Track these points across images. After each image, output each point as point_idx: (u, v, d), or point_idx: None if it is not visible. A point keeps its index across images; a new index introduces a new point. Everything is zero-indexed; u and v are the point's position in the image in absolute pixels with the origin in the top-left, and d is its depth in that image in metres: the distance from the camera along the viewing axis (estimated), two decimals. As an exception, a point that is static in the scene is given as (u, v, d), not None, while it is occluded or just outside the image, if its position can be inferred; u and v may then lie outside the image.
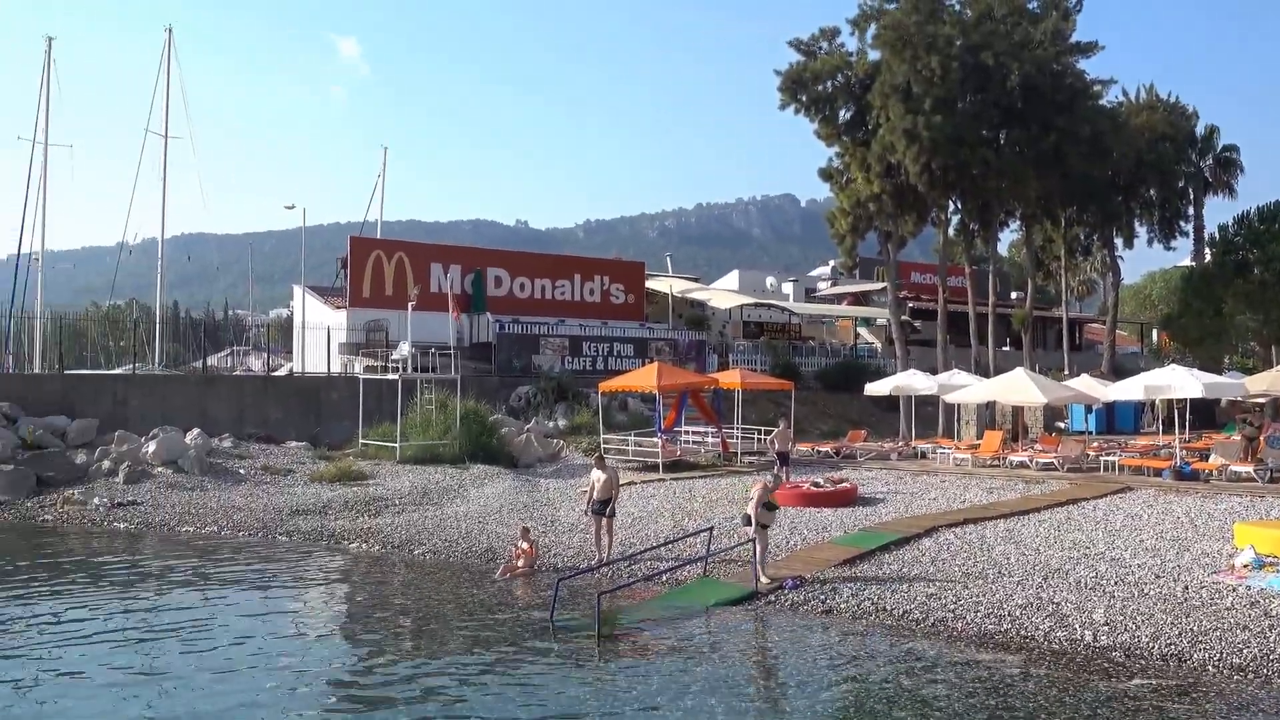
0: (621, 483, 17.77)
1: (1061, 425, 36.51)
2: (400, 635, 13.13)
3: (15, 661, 11.67)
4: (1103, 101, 42.34)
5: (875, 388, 33.98)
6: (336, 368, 35.95)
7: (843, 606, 13.63)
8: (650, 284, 48.70)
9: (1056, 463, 26.29)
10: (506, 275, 41.86)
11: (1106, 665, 11.17)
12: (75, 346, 48.39)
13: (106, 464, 25.50)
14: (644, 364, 35.37)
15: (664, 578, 15.45)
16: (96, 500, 23.07)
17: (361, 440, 29.35)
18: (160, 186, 45.80)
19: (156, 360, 45.20)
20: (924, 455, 30.23)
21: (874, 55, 39.41)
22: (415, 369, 30.19)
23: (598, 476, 16.52)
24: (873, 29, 38.98)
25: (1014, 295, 58.78)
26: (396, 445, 27.91)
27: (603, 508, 16.39)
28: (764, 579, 14.53)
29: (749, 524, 14.70)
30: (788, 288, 60.07)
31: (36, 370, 39.79)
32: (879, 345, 51.51)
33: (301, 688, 10.82)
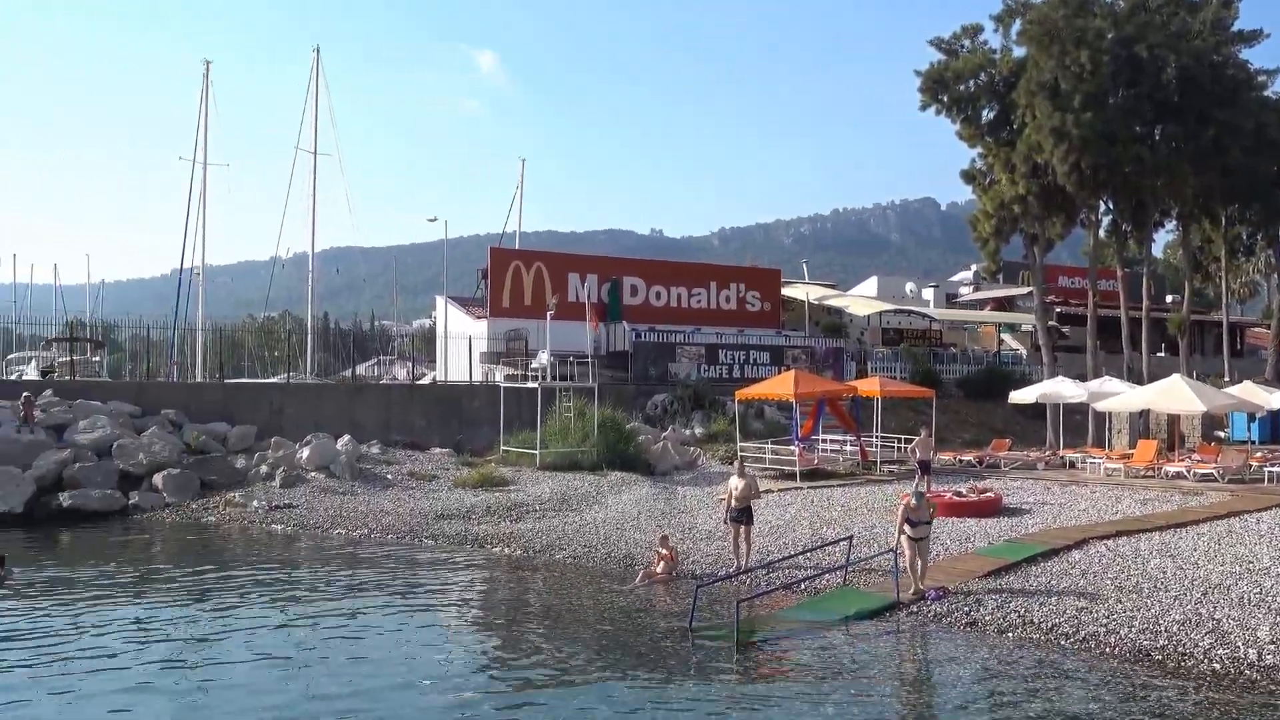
0: (759, 490, 17.68)
1: (1221, 434, 34.66)
2: (540, 638, 13.33)
3: (195, 644, 12.37)
4: (1267, 93, 40.07)
5: (1021, 395, 32.94)
6: (478, 376, 36.87)
7: (987, 619, 13.25)
8: (786, 291, 48.37)
9: (1216, 474, 24.99)
10: (642, 284, 42.21)
11: (1273, 686, 10.55)
12: (233, 356, 50.83)
13: (264, 468, 26.75)
14: (780, 372, 35.15)
15: (802, 586, 15.31)
16: (255, 503, 24.22)
17: (502, 447, 30.02)
18: (310, 202, 47.95)
19: (308, 369, 47.18)
20: (1072, 465, 29.15)
21: (1019, 52, 38.31)
22: (554, 377, 30.71)
23: (736, 484, 16.50)
24: (1017, 24, 37.88)
25: (1169, 299, 56.07)
26: (536, 452, 28.45)
27: (742, 515, 16.36)
28: (921, 586, 14.22)
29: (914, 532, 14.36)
30: (928, 293, 58.77)
31: (199, 379, 42.08)
32: (1024, 352, 49.89)
33: (441, 687, 11.12)
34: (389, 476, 27.20)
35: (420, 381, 39.38)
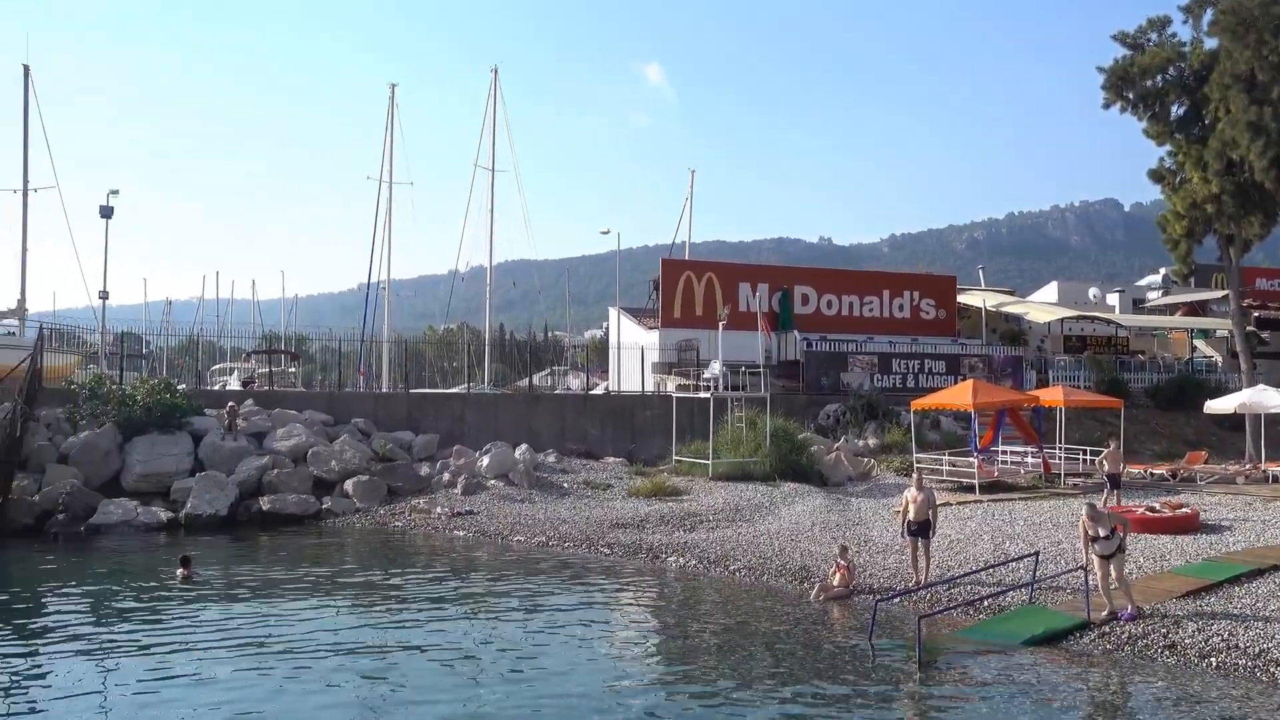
0: (938, 503, 17.20)
1: None
2: (714, 650, 13.31)
3: (378, 646, 12.96)
4: None
5: (1217, 405, 30.95)
6: (650, 386, 37.22)
7: (1187, 643, 12.48)
8: (962, 298, 46.90)
9: None
10: (813, 293, 41.75)
11: None
12: (414, 367, 52.88)
13: (446, 476, 27.75)
14: (957, 381, 34.11)
15: (985, 603, 14.79)
16: (439, 509, 25.15)
17: (674, 457, 30.21)
18: (488, 217, 49.55)
19: (485, 380, 48.68)
20: (1275, 480, 27.17)
21: (1210, 44, 36.05)
22: (725, 387, 30.72)
23: (914, 496, 16.11)
24: (1209, 15, 35.66)
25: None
26: (708, 462, 28.50)
27: (920, 529, 15.96)
28: (1114, 606, 13.54)
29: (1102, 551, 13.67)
30: (1112, 298, 55.95)
31: (384, 389, 44.00)
32: (1219, 359, 46.81)
33: (615, 697, 11.24)
34: (565, 485, 27.77)
35: (593, 392, 40.08)
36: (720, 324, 32.01)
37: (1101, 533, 13.46)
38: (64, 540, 22.19)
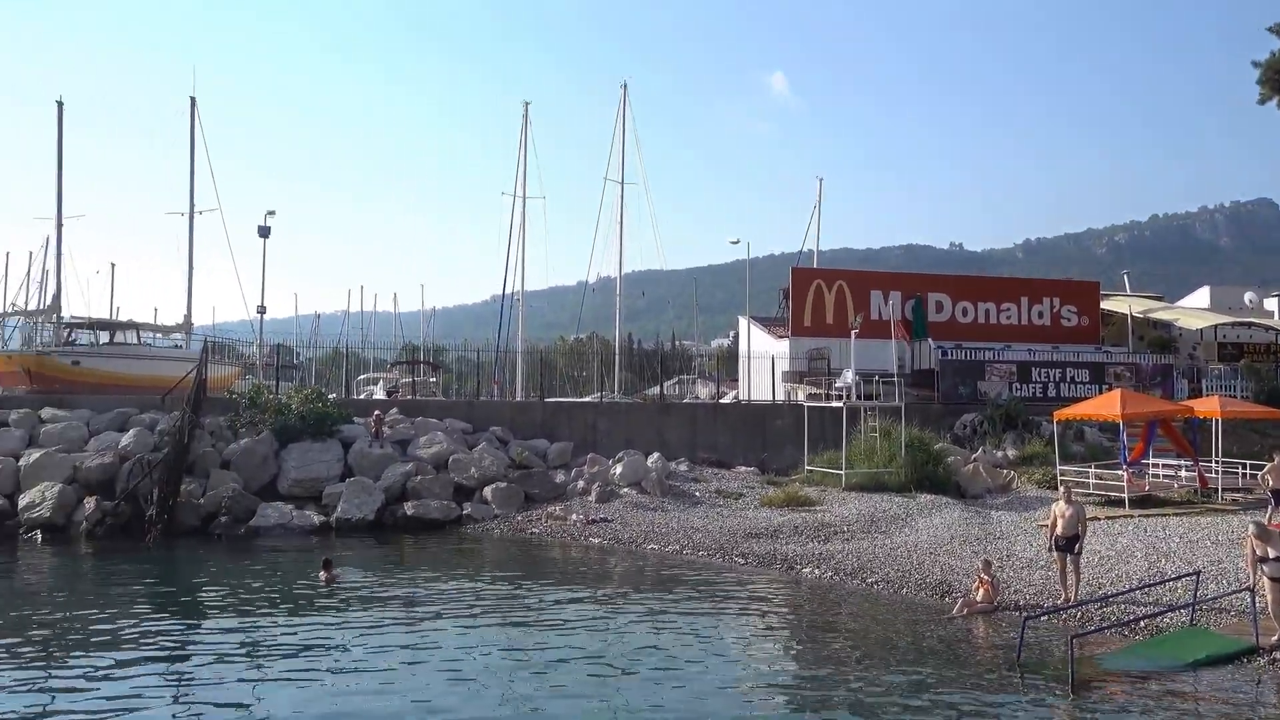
0: (1087, 518, 16.65)
1: None
2: (853, 664, 13.14)
3: (513, 650, 13.26)
4: None
5: (1393, 417, 29.06)
6: (780, 395, 37.05)
7: (1370, 673, 11.80)
8: (1105, 304, 45.26)
9: None
10: (948, 300, 40.91)
11: None
12: (546, 376, 53.87)
13: (581, 483, 28.17)
14: (1101, 390, 32.95)
15: (1142, 624, 14.25)
16: (574, 516, 25.54)
17: (807, 466, 30.00)
18: (618, 229, 50.16)
19: (615, 389, 49.23)
20: None
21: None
22: (858, 396, 30.36)
23: (1062, 510, 15.64)
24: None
25: None
26: (842, 472, 28.22)
27: (1069, 544, 15.49)
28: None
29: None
30: (1270, 303, 53.02)
31: (518, 398, 44.94)
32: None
33: (749, 705, 11.25)
34: (697, 494, 27.87)
35: (723, 400, 40.10)
36: (853, 332, 31.66)
37: (1271, 553, 12.80)
38: (226, 541, 23.42)
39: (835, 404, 30.66)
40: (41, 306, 43.94)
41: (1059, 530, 15.62)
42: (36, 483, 24.73)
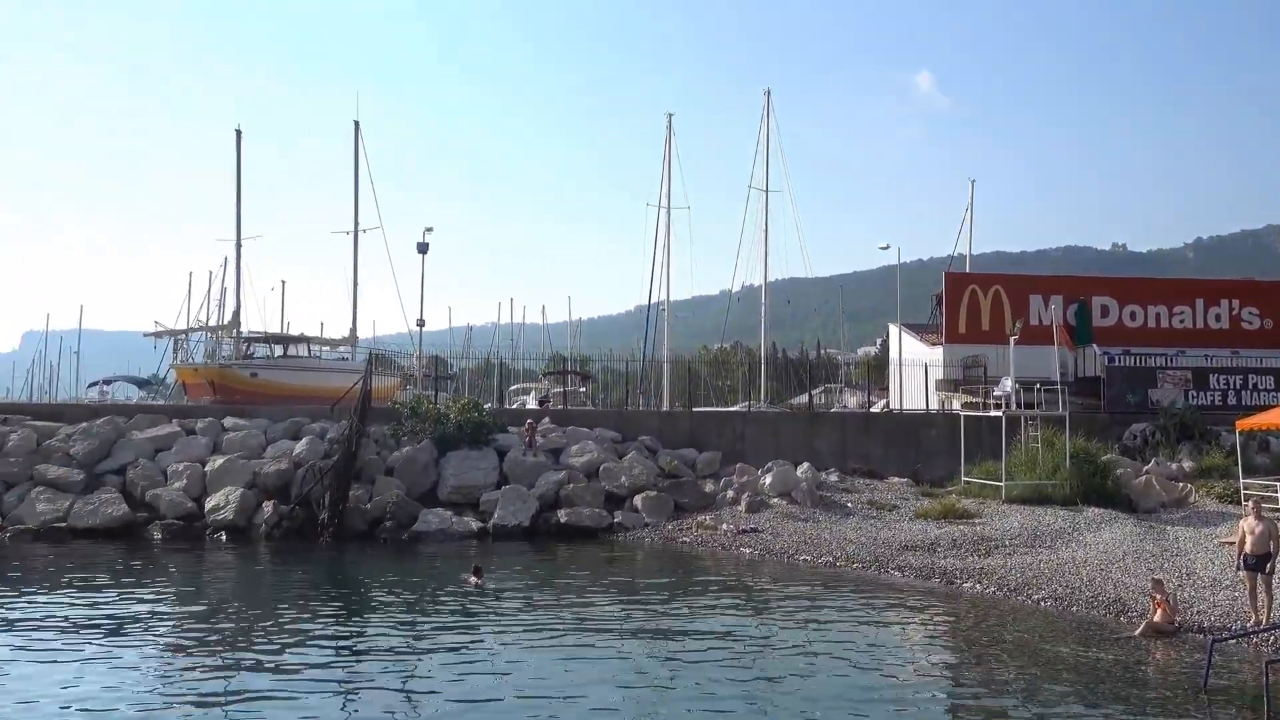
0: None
1: None
2: (1019, 684, 12.61)
3: (658, 657, 13.30)
4: None
5: None
6: (934, 404, 36.18)
7: None
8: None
9: None
10: (1114, 303, 39.17)
11: None
12: (691, 386, 54.16)
13: (730, 493, 28.13)
14: (1287, 398, 30.95)
15: (1341, 650, 13.29)
16: (724, 526, 25.50)
17: (963, 478, 29.18)
18: (762, 237, 49.93)
19: (762, 398, 48.98)
20: None
21: None
22: (1018, 405, 29.36)
23: (1251, 526, 14.74)
24: None
25: None
26: (1001, 484, 27.33)
27: (1259, 563, 14.58)
28: None
29: None
30: None
31: (664, 408, 45.20)
32: None
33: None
34: (848, 505, 27.45)
35: (872, 409, 39.42)
36: (1012, 338, 30.65)
37: None
38: (391, 545, 24.34)
39: (993, 413, 29.73)
40: (222, 323, 46.65)
41: (1248, 548, 14.73)
42: (221, 487, 26.22)
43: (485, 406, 32.76)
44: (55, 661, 13.17)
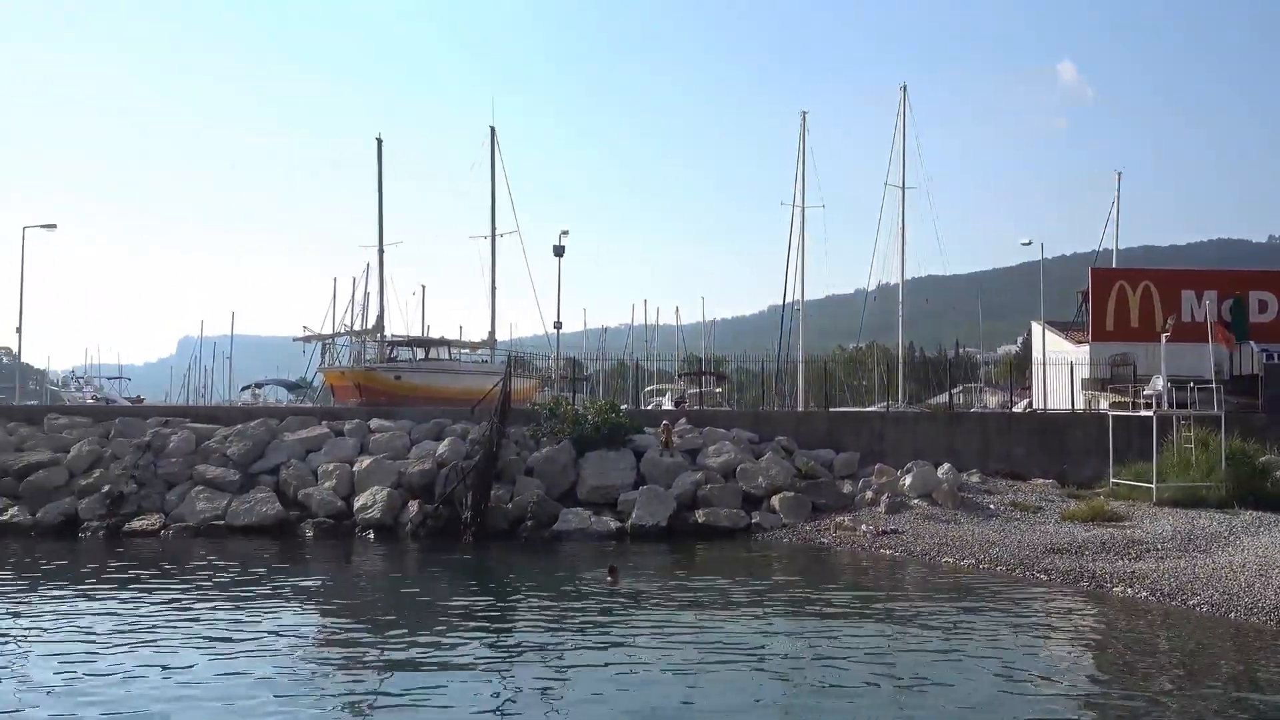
0: None
1: None
2: (1175, 688, 12.28)
3: (800, 659, 13.40)
4: None
5: None
6: (1079, 404, 35.13)
7: None
8: None
9: None
10: (1273, 299, 37.31)
11: None
12: (827, 386, 53.74)
13: (869, 494, 27.92)
14: None
15: None
16: (864, 527, 25.35)
17: (1111, 479, 28.29)
18: (899, 235, 49.22)
19: (900, 398, 48.31)
20: None
21: None
22: (1169, 404, 28.29)
23: None
24: None
25: None
26: (1152, 486, 26.42)
27: None
28: None
29: None
30: None
31: (800, 408, 45.03)
32: None
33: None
34: (991, 506, 26.94)
35: (1014, 409, 38.48)
36: (1163, 336, 29.53)
37: None
38: (532, 544, 25.03)
39: (1143, 413, 28.74)
40: (366, 327, 48.63)
41: None
42: (368, 486, 27.37)
43: (623, 407, 33.31)
44: (214, 651, 14.10)
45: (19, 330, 45.59)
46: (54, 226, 46.21)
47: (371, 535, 25.88)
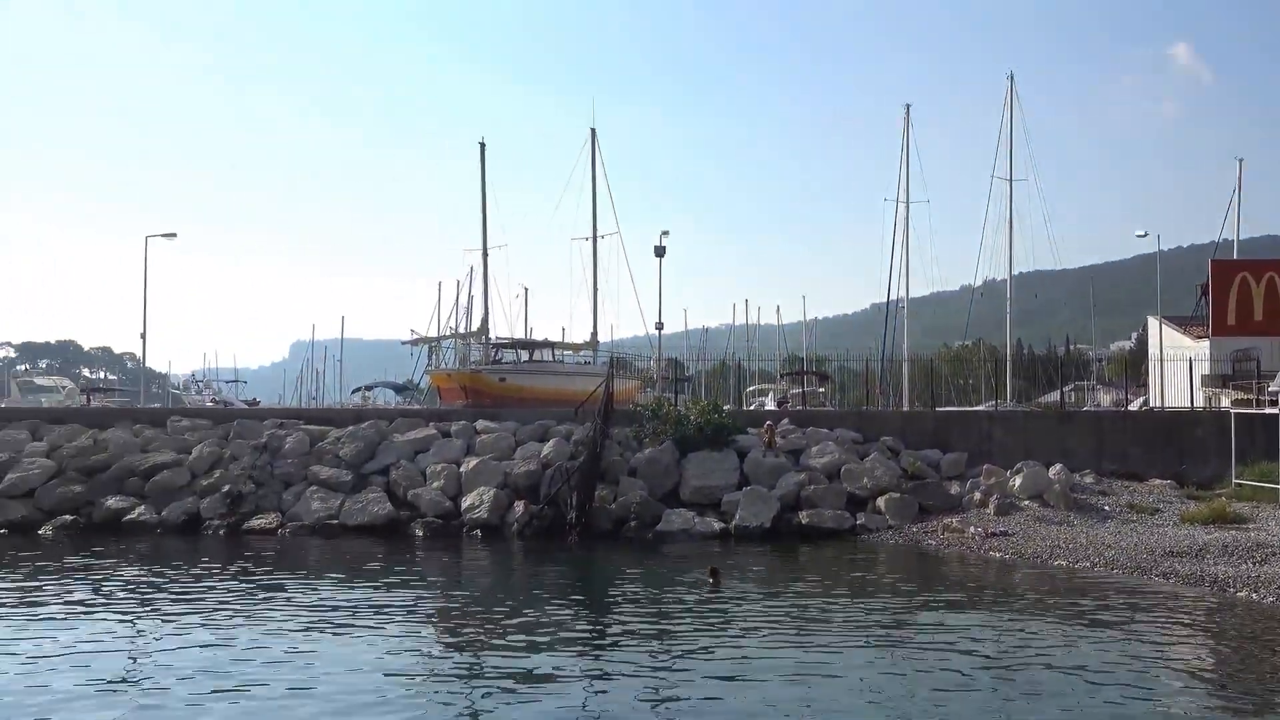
0: None
1: None
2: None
3: (900, 663, 13.21)
4: None
5: None
6: (1199, 401, 33.87)
7: None
8: None
9: None
10: None
11: None
12: (933, 385, 52.89)
13: (977, 495, 27.36)
14: None
15: None
16: (972, 529, 24.86)
17: (1235, 480, 27.22)
18: (1006, 229, 48.14)
19: (1008, 396, 47.22)
20: None
21: None
22: (1297, 402, 27.11)
23: None
24: None
25: None
26: (1277, 486, 25.33)
27: None
28: None
29: None
30: None
31: (905, 408, 44.36)
32: None
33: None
34: (1105, 508, 26.18)
35: (1129, 407, 37.28)
36: (1289, 331, 28.32)
37: None
38: (636, 544, 25.20)
39: (1268, 410, 27.58)
40: (471, 329, 49.52)
41: None
42: (475, 487, 27.90)
43: (724, 408, 33.29)
44: (329, 645, 14.58)
45: (143, 336, 47.81)
46: (174, 235, 48.33)
47: (479, 535, 26.34)
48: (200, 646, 14.28)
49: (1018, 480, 27.44)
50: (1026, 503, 26.60)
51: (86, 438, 31.13)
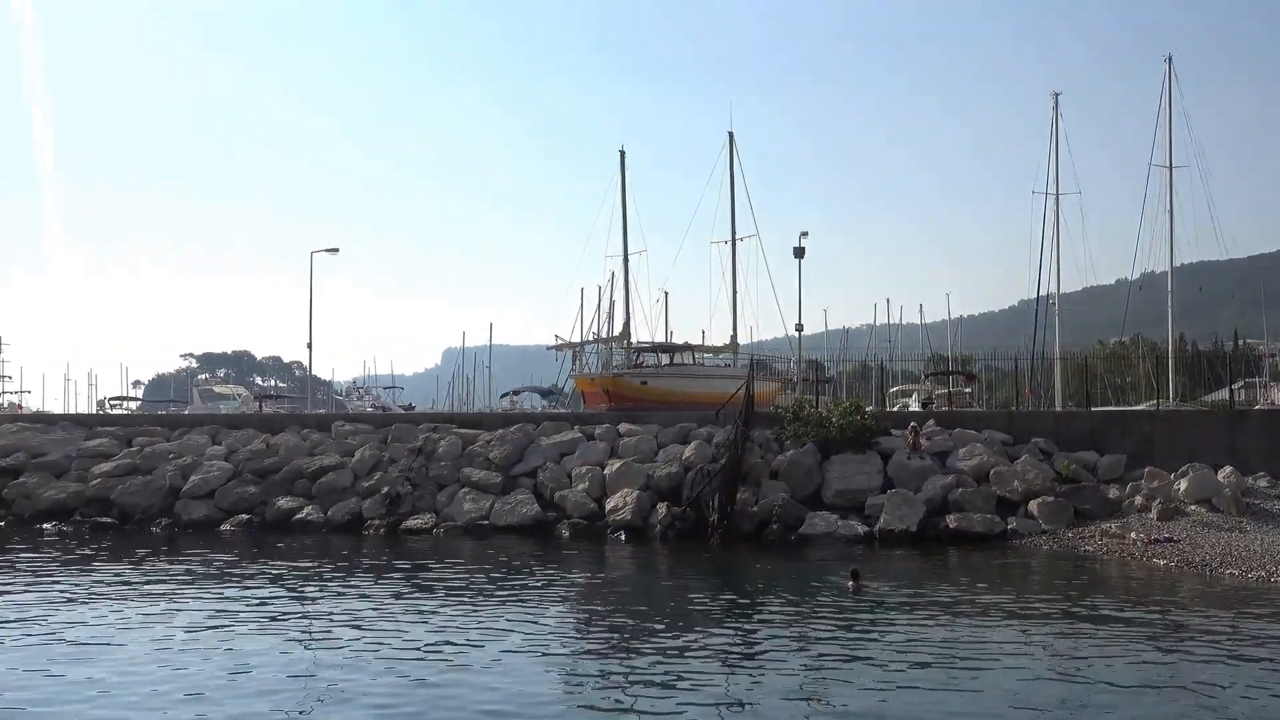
0: None
1: None
2: None
3: (1056, 676, 12.69)
4: None
5: None
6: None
7: None
8: None
9: None
10: None
11: None
12: (1088, 383, 50.87)
13: (1138, 499, 26.14)
14: None
15: None
16: (1133, 535, 23.77)
17: None
18: (1166, 219, 45.91)
19: (1171, 395, 45.01)
20: None
21: None
22: None
23: None
24: None
25: None
26: None
27: None
28: None
29: None
30: None
31: (1057, 408, 42.76)
32: None
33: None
34: (1281, 513, 24.65)
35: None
36: None
37: None
38: (778, 547, 25.05)
39: None
40: (613, 334, 50.13)
41: None
42: (618, 489, 28.25)
43: (868, 409, 32.75)
44: (478, 638, 14.95)
45: (309, 345, 50.25)
46: (336, 250, 50.67)
47: (623, 536, 26.64)
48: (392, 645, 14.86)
49: (1183, 484, 26.10)
50: (1193, 508, 25.29)
51: (260, 442, 32.94)
